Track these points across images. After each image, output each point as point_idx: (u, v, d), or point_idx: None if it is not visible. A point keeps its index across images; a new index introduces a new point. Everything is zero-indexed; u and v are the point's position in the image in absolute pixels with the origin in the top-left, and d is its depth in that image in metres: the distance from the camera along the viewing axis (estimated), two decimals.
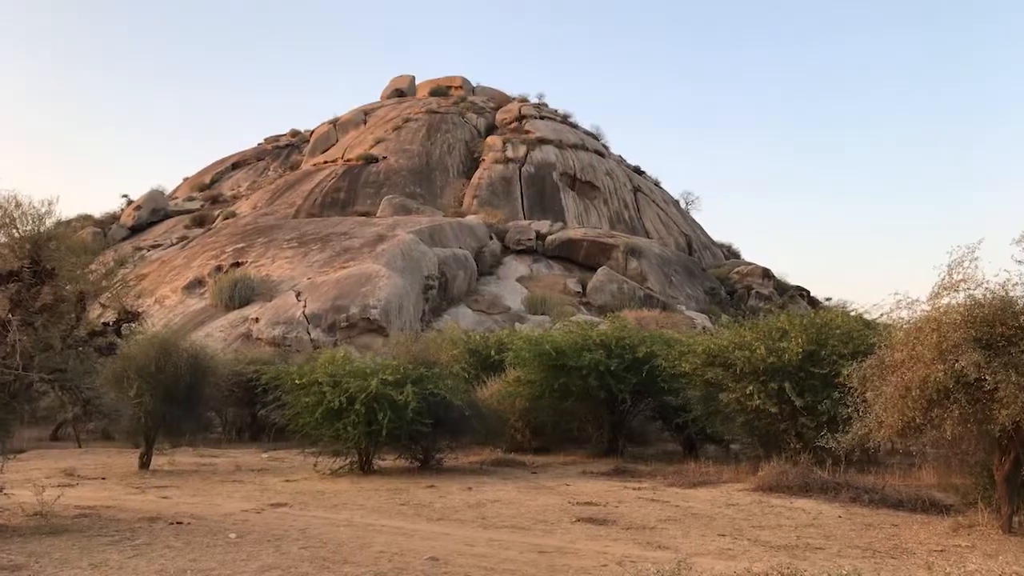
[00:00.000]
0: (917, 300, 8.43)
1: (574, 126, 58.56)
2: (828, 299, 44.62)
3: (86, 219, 49.71)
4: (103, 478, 12.85)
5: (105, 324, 9.30)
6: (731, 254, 56.77)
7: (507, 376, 16.12)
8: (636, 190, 54.00)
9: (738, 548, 7.68)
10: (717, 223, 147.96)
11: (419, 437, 13.22)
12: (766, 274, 44.73)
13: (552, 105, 62.18)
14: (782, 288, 44.87)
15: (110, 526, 8.16)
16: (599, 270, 37.64)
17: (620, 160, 59.14)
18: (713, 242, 56.82)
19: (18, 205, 8.10)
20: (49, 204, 8.29)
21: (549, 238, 41.30)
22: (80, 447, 18.64)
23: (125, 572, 6.25)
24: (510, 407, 15.68)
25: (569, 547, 7.69)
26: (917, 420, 7.97)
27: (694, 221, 58.63)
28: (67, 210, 34.81)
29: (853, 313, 14.01)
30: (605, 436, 15.71)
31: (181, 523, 8.39)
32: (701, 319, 32.78)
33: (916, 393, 7.83)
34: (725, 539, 8.10)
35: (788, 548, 7.63)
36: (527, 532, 8.44)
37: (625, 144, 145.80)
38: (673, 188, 66.51)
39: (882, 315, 9.95)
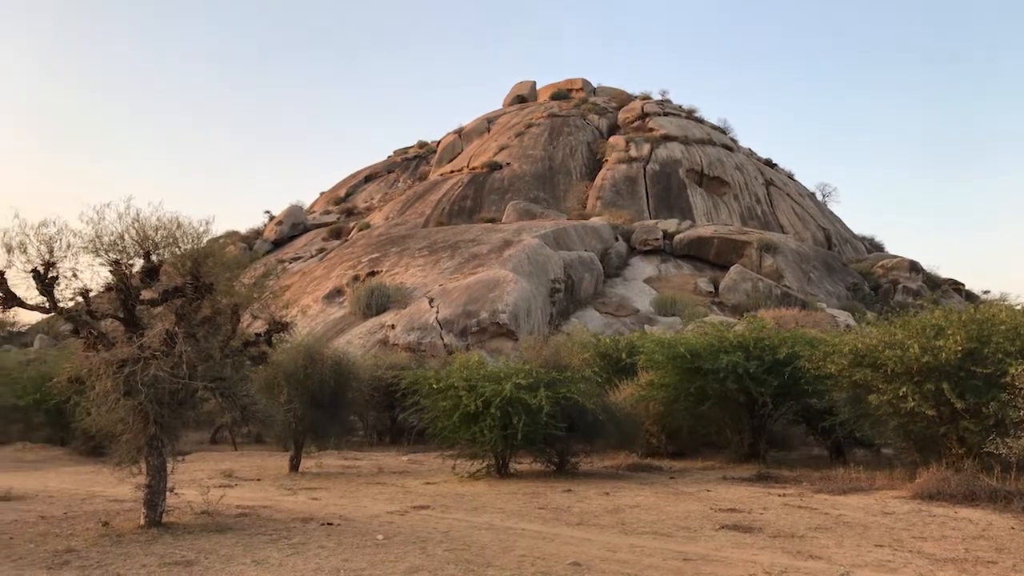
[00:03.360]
0: None
1: (700, 121, 57.16)
2: (986, 292, 41.35)
3: (233, 235, 53.11)
4: (258, 479, 13.63)
5: (257, 334, 9.86)
6: (874, 247, 53.69)
7: (640, 380, 15.88)
8: (768, 184, 52.07)
9: (899, 560, 7.20)
10: (857, 215, 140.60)
11: (554, 441, 13.24)
12: (914, 267, 42.00)
13: (676, 101, 61.03)
14: (933, 282, 41.99)
15: (268, 525, 8.63)
16: (731, 268, 36.51)
17: (750, 153, 57.22)
18: (854, 235, 53.95)
19: (179, 225, 8.70)
20: (206, 223, 8.88)
21: (677, 237, 40.46)
22: (236, 450, 19.87)
23: (285, 569, 6.58)
24: (644, 411, 15.44)
25: (714, 555, 7.46)
26: None
27: (832, 214, 55.88)
28: (216, 228, 37.22)
29: (1020, 307, 12.88)
30: (745, 440, 15.18)
31: (332, 524, 8.75)
32: (844, 317, 31.14)
33: None
34: (884, 550, 7.62)
35: (955, 561, 7.09)
36: (669, 539, 8.25)
37: (755, 137, 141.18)
38: (808, 180, 63.70)
39: None
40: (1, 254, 7.89)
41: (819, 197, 58.38)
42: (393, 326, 27.52)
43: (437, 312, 27.40)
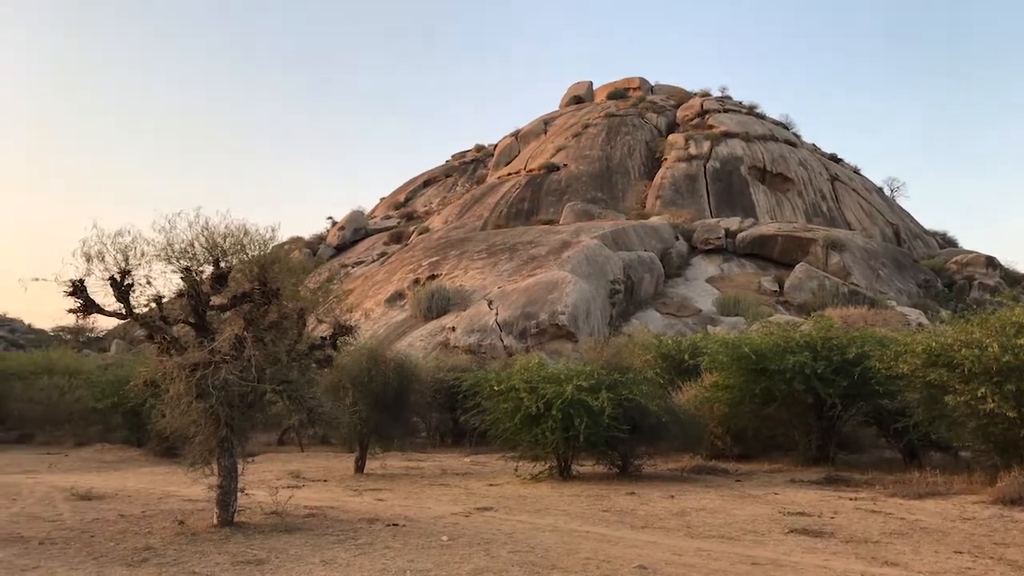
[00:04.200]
0: None
1: (761, 117, 56.05)
2: None
3: (297, 241, 54.28)
4: (324, 480, 13.88)
5: (322, 338, 10.04)
6: (946, 242, 51.83)
7: (703, 381, 15.64)
8: (833, 179, 50.75)
9: (980, 568, 6.92)
10: (928, 210, 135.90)
11: (616, 443, 13.13)
12: (990, 263, 40.37)
13: (736, 97, 59.97)
14: (1011, 278, 40.29)
15: (335, 526, 8.77)
16: (796, 267, 35.69)
17: (814, 149, 55.88)
18: (925, 230, 52.18)
19: (246, 232, 8.93)
20: (272, 230, 9.08)
21: (739, 235, 39.74)
22: (303, 451, 20.27)
23: (352, 569, 6.68)
24: (708, 413, 15.19)
25: (784, 559, 7.28)
26: None
27: (901, 209, 54.12)
28: (281, 234, 38.11)
29: None
30: (813, 443, 14.79)
31: (397, 525, 8.85)
32: (915, 315, 30.13)
33: None
34: (964, 557, 7.33)
35: None
36: (737, 542, 8.10)
37: (819, 132, 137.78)
38: (875, 175, 61.85)
39: None
40: (81, 263, 8.21)
41: (887, 192, 56.64)
42: (453, 328, 27.74)
43: (496, 314, 27.51)
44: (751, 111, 56.72)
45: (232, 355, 8.09)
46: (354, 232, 54.07)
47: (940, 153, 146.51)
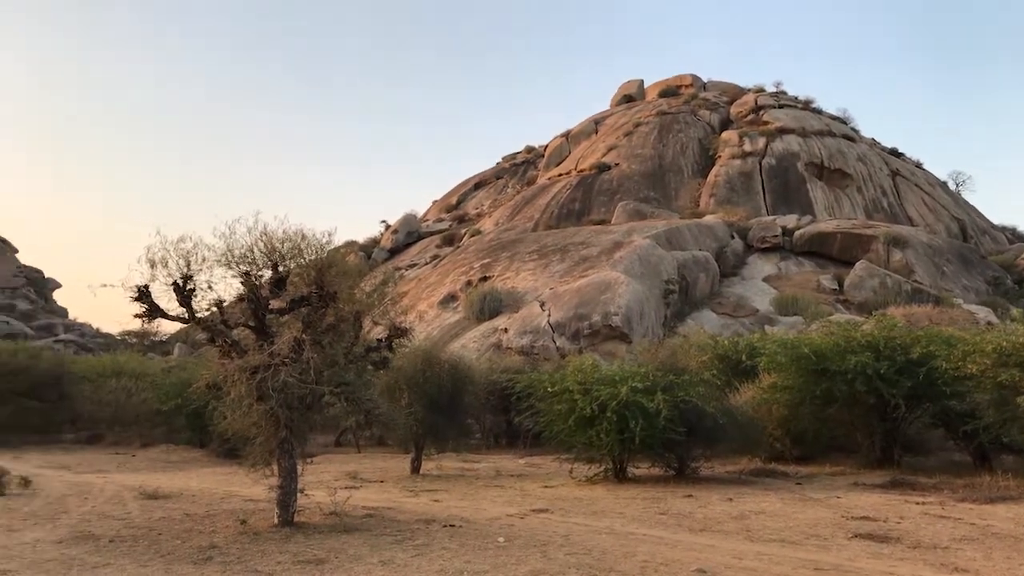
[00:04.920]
0: None
1: (818, 112, 54.82)
2: None
3: (352, 245, 55.06)
4: (381, 481, 14.04)
5: (378, 340, 10.16)
6: (1016, 238, 49.92)
7: (761, 382, 15.37)
8: (894, 174, 49.36)
9: None
10: (997, 204, 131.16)
11: (673, 445, 12.98)
12: None
13: (791, 92, 58.74)
14: None
15: (392, 526, 8.86)
16: (856, 264, 34.76)
17: (873, 143, 54.42)
18: (993, 226, 50.37)
19: (304, 237, 9.10)
20: (328, 234, 9.24)
21: (797, 233, 38.91)
22: (360, 452, 20.55)
23: (410, 570, 6.74)
24: (767, 414, 14.91)
25: (848, 565, 7.10)
26: None
27: (967, 203, 52.35)
28: (336, 238, 38.71)
29: None
30: (877, 445, 14.39)
31: (453, 526, 8.90)
32: (984, 313, 29.09)
33: None
34: None
35: None
36: (798, 547, 7.92)
37: (878, 126, 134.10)
38: (939, 169, 59.97)
39: None
40: (145, 269, 8.46)
41: (952, 186, 54.82)
42: (506, 330, 27.78)
43: (549, 315, 27.45)
44: (807, 106, 55.50)
45: (291, 358, 8.23)
46: (407, 235, 54.59)
47: (1008, 145, 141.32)
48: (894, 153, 54.59)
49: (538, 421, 14.46)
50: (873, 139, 55.93)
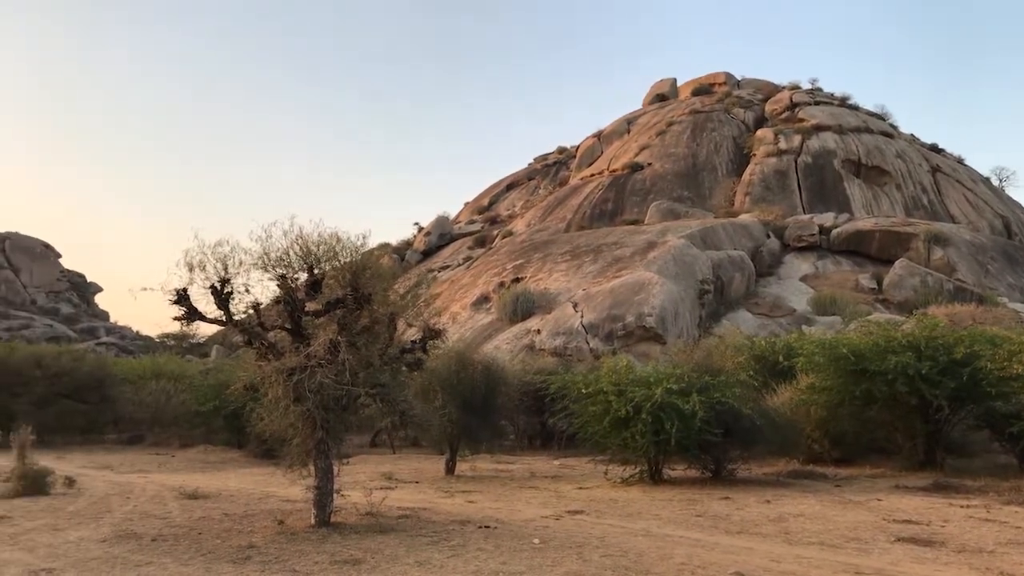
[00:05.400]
0: None
1: (854, 108, 53.88)
2: None
3: (385, 247, 55.45)
4: (416, 482, 14.10)
5: (412, 341, 10.20)
6: None
7: (799, 383, 15.15)
8: (935, 171, 48.36)
9: None
10: None
11: (709, 447, 12.85)
12: None
13: (827, 89, 57.84)
14: None
15: (427, 527, 8.89)
16: (896, 263, 34.12)
17: (912, 139, 53.39)
18: None
19: (339, 240, 9.16)
20: (363, 237, 9.29)
21: (834, 232, 38.31)
22: (394, 453, 20.65)
23: (446, 571, 6.75)
24: (805, 415, 14.69)
25: (891, 569, 6.96)
26: None
27: (1011, 199, 51.13)
28: (370, 240, 39.00)
29: None
30: (919, 447, 14.10)
31: (488, 527, 8.90)
32: None
33: None
34: None
35: None
36: (838, 550, 7.78)
37: (917, 122, 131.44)
38: (981, 165, 58.63)
39: None
40: (184, 273, 8.59)
41: (995, 182, 53.58)
42: (539, 331, 27.74)
43: (582, 316, 27.36)
44: (843, 103, 54.62)
45: (327, 359, 8.29)
46: (440, 237, 54.86)
47: None
48: (934, 149, 53.51)
49: (572, 422, 14.40)
50: (912, 135, 54.90)
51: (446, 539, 8.14)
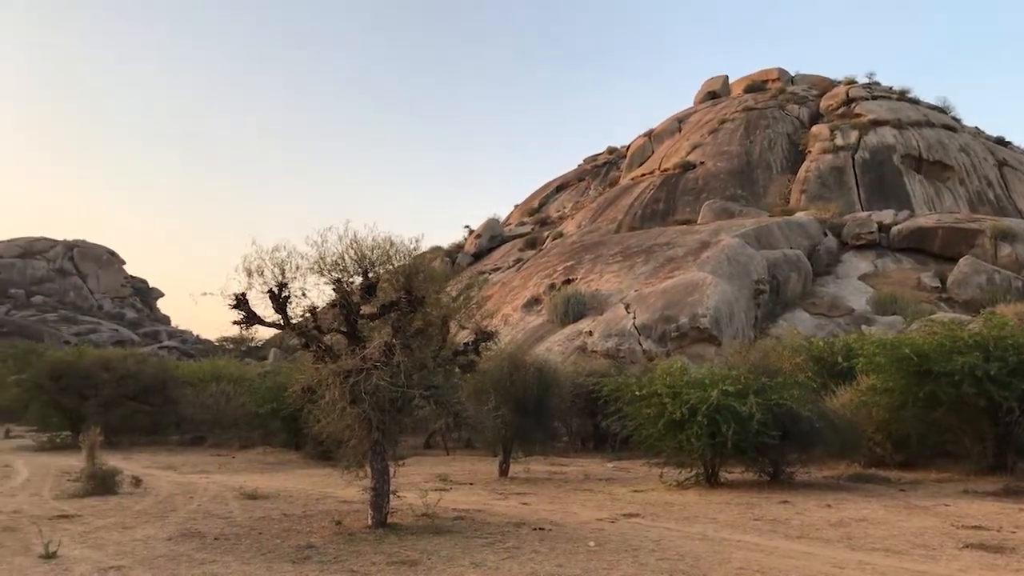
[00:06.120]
0: None
1: (915, 102, 52.37)
2: None
3: (437, 250, 55.85)
4: (471, 483, 14.16)
5: (465, 343, 10.26)
6: None
7: (859, 384, 14.77)
8: (1001, 164, 46.69)
9: None
10: None
11: (766, 449, 12.62)
12: None
13: (885, 83, 56.35)
14: None
15: (483, 529, 8.92)
16: (961, 260, 33.03)
17: (977, 132, 51.63)
18: None
19: (392, 244, 9.27)
20: (416, 241, 9.39)
21: (894, 229, 37.27)
22: (448, 454, 20.78)
23: (501, 573, 6.76)
24: (866, 417, 14.31)
25: None
26: None
27: None
28: (423, 243, 39.35)
29: None
30: (989, 450, 13.62)
31: (543, 529, 8.89)
32: None
33: None
34: None
35: None
36: (904, 557, 7.55)
37: (982, 115, 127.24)
38: None
39: None
40: (243, 277, 8.80)
41: None
42: (590, 333, 27.60)
43: (634, 318, 27.13)
44: (903, 96, 53.12)
45: (382, 362, 8.40)
46: (490, 239, 55.03)
47: None
48: (1000, 142, 51.66)
49: (626, 425, 14.28)
50: (977, 128, 53.09)
51: (501, 541, 8.16)
